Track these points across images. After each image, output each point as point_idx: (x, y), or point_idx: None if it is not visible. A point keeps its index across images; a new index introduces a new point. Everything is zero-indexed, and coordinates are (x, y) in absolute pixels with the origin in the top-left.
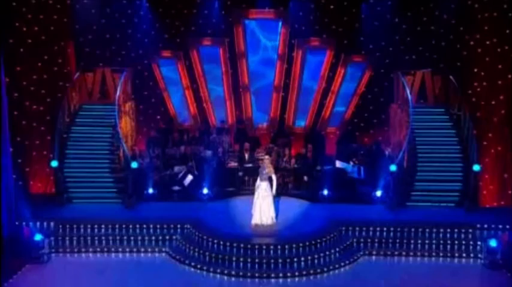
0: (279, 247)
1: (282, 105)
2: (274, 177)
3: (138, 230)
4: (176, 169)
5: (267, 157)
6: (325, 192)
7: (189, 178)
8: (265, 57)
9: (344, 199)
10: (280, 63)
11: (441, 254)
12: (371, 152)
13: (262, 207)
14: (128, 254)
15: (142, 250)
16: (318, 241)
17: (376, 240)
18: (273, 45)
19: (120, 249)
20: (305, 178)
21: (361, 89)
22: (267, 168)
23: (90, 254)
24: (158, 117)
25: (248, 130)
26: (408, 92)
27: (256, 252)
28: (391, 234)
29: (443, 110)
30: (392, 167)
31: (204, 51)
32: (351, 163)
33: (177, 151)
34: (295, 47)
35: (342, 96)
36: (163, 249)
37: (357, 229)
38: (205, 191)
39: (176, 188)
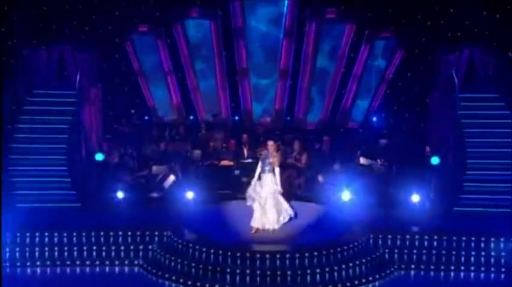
0: (287, 255)
1: (290, 95)
2: (277, 170)
3: (102, 239)
4: (154, 169)
5: (271, 142)
6: (346, 195)
7: (171, 179)
8: (268, 35)
9: (372, 203)
10: (287, 42)
11: (493, 269)
12: (406, 150)
13: (266, 207)
14: (90, 268)
15: (108, 262)
16: (339, 249)
17: (415, 251)
18: (278, 19)
19: (79, 262)
20: (320, 178)
21: (390, 74)
22: (271, 157)
23: (46, 268)
24: (132, 111)
25: (247, 126)
26: (453, 75)
27: (258, 262)
28: (434, 244)
29: (497, 96)
30: (435, 160)
31: (191, 27)
32: (379, 162)
33: (155, 149)
34: (306, 21)
35: (365, 83)
36: (136, 262)
37: (390, 237)
38: (190, 195)
39: (154, 195)
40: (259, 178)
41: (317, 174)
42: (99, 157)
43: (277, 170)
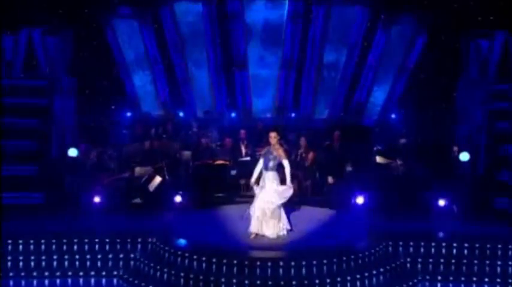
0: (292, 263)
1: (295, 88)
2: (286, 163)
3: (76, 247)
4: (138, 171)
5: (273, 133)
6: (360, 199)
7: (157, 181)
8: (269, 20)
9: (391, 206)
10: (292, 29)
11: None
12: (431, 151)
13: (267, 210)
14: (61, 280)
15: (82, 273)
16: (353, 257)
17: (442, 260)
18: (281, 2)
19: (48, 273)
20: (330, 179)
21: (411, 65)
22: (275, 151)
23: (8, 281)
24: (113, 107)
25: (245, 124)
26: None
27: (258, 270)
28: (464, 252)
29: None
30: (464, 156)
31: (182, 10)
32: (398, 162)
33: (139, 149)
34: (313, 4)
35: (382, 75)
36: (115, 272)
37: (412, 244)
38: (178, 198)
39: (137, 200)
40: (258, 180)
41: (327, 175)
42: (72, 152)
43: (286, 163)
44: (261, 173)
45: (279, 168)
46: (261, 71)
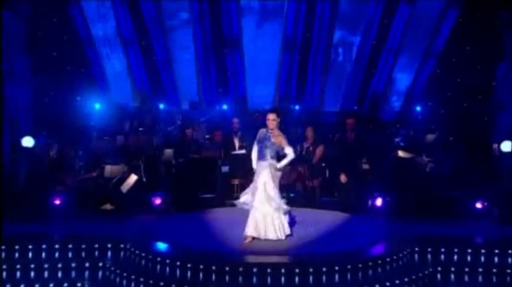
0: (296, 269)
1: (299, 75)
2: (290, 151)
3: (31, 254)
4: (108, 170)
5: (272, 115)
6: (379, 201)
7: (131, 180)
8: None
9: (413, 208)
10: (295, 4)
11: None
12: (465, 149)
13: (264, 209)
14: None
15: (39, 285)
16: (371, 264)
17: (480, 270)
18: None
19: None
20: (342, 177)
21: (440, 47)
22: (274, 137)
23: None
24: (78, 98)
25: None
26: None
27: (255, 278)
28: (509, 261)
29: None
30: (506, 146)
31: None
32: (425, 158)
33: (110, 145)
34: None
35: (405, 60)
36: (79, 283)
37: (443, 250)
38: (157, 201)
39: (107, 207)
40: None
41: (338, 173)
42: (28, 142)
43: (290, 151)
44: None
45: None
46: (258, 54)
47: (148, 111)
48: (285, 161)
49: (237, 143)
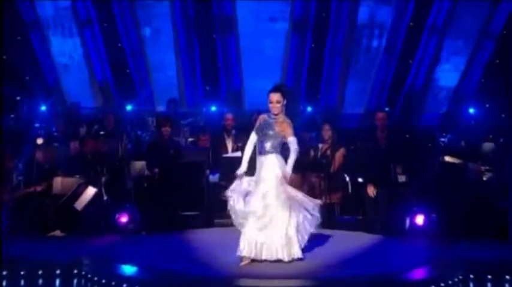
0: None
1: (312, 65)
2: (293, 142)
3: None
4: (58, 183)
5: (276, 95)
6: (419, 219)
7: (89, 193)
8: None
9: (464, 228)
10: None
11: None
12: None
13: (267, 218)
14: None
15: None
16: None
17: None
18: None
19: None
20: (370, 190)
21: (498, 30)
22: (278, 124)
23: None
24: (18, 97)
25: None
26: None
27: None
28: None
29: None
30: None
31: None
32: (482, 167)
33: (60, 152)
34: None
35: (453, 44)
36: None
37: (508, 277)
38: (123, 218)
39: (58, 233)
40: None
41: (365, 184)
42: None
43: (292, 142)
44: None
45: (284, 151)
46: (258, 38)
47: (111, 113)
48: (290, 162)
49: (230, 145)
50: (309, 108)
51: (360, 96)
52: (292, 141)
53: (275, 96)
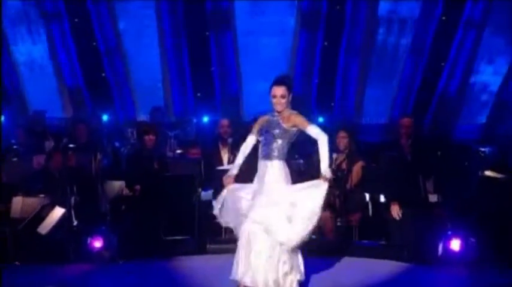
0: None
1: (324, 69)
2: (320, 132)
3: None
4: (17, 203)
5: (281, 90)
6: (455, 244)
7: (56, 214)
8: None
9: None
10: None
11: None
12: None
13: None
14: None
15: None
16: None
17: None
18: None
19: None
20: (395, 210)
21: None
22: (285, 120)
23: None
24: None
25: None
26: None
27: None
28: None
29: None
30: None
31: None
32: None
33: (20, 168)
34: None
35: (492, 41)
36: None
37: None
38: (97, 244)
39: (16, 264)
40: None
41: (388, 203)
42: None
43: (313, 129)
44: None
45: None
46: (259, 36)
47: (83, 123)
48: (325, 157)
49: (226, 156)
50: (321, 119)
51: (381, 104)
52: (315, 130)
53: (279, 90)
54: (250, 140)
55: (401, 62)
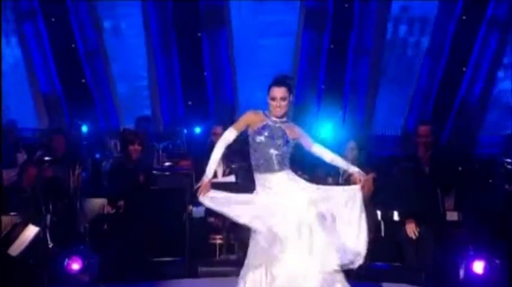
0: None
1: (330, 73)
2: (325, 148)
3: None
4: None
5: (281, 91)
6: (478, 266)
7: (29, 232)
8: None
9: None
10: None
11: None
12: None
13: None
14: None
15: None
16: None
17: None
18: None
19: None
20: (411, 228)
21: None
22: (289, 131)
23: None
24: None
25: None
26: None
27: None
28: None
29: None
30: None
31: None
32: None
33: None
34: None
35: None
36: None
37: None
38: (75, 266)
39: None
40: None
41: (403, 221)
42: None
43: (318, 147)
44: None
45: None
46: (256, 37)
47: (59, 133)
48: (343, 161)
49: (220, 168)
50: (327, 130)
51: (394, 113)
52: (319, 147)
53: (280, 92)
54: (231, 136)
55: (417, 66)
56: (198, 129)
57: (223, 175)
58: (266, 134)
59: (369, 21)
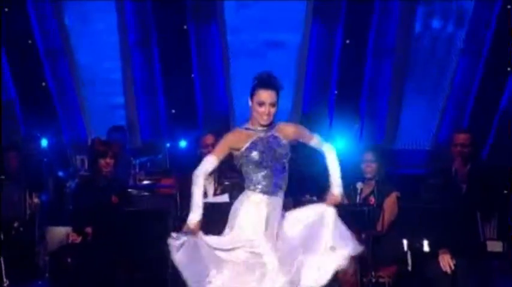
0: None
1: (344, 78)
2: (325, 143)
3: None
4: None
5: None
6: None
7: None
8: None
9: None
10: None
11: None
12: None
13: None
14: None
15: None
16: None
17: None
18: None
19: None
20: (445, 259)
21: None
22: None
23: None
24: None
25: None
26: None
27: None
28: None
29: None
30: None
31: None
32: None
33: None
34: None
35: None
36: None
37: None
38: None
39: None
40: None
41: (434, 252)
42: None
43: (317, 139)
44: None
45: None
46: (254, 32)
47: (15, 148)
48: (335, 171)
49: (211, 185)
50: (341, 143)
51: (422, 124)
52: (319, 139)
53: (269, 96)
54: (210, 166)
55: (451, 68)
56: (183, 143)
57: (215, 193)
58: (264, 149)
59: (391, 13)
